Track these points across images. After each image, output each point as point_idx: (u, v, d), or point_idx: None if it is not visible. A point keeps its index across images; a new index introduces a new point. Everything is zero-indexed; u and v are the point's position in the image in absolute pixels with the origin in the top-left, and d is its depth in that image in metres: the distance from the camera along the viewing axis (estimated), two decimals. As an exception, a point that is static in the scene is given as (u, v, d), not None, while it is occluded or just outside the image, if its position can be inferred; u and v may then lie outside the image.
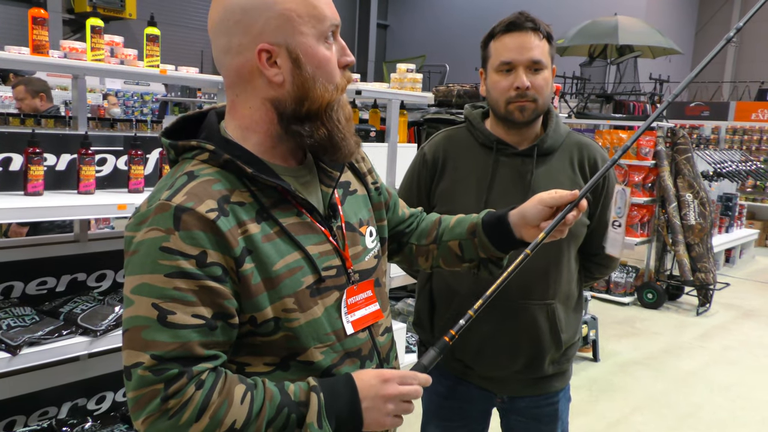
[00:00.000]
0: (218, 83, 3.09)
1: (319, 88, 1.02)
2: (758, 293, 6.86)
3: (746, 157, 8.12)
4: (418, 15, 16.05)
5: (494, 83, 1.62)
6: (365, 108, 4.42)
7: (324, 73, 1.03)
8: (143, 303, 0.93)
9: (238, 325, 0.98)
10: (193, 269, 0.93)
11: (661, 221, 6.01)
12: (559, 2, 12.66)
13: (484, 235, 1.30)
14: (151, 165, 2.52)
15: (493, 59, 1.62)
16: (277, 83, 1.01)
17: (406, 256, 1.41)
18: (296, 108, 1.02)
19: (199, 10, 12.53)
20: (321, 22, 1.02)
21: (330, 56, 1.04)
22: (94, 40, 2.40)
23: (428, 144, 1.80)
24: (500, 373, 1.71)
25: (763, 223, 9.72)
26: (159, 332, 0.91)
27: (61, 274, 2.43)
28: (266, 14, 0.99)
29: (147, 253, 0.93)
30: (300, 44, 1.00)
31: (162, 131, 1.10)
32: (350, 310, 1.09)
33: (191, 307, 0.93)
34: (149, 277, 0.93)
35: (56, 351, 2.02)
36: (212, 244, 0.94)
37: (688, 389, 4.22)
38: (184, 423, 0.91)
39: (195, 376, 0.92)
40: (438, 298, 1.76)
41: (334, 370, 1.05)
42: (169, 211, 0.94)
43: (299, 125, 1.03)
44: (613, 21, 7.61)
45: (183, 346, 0.92)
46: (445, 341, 1.12)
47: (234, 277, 0.96)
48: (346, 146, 1.07)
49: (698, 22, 14.98)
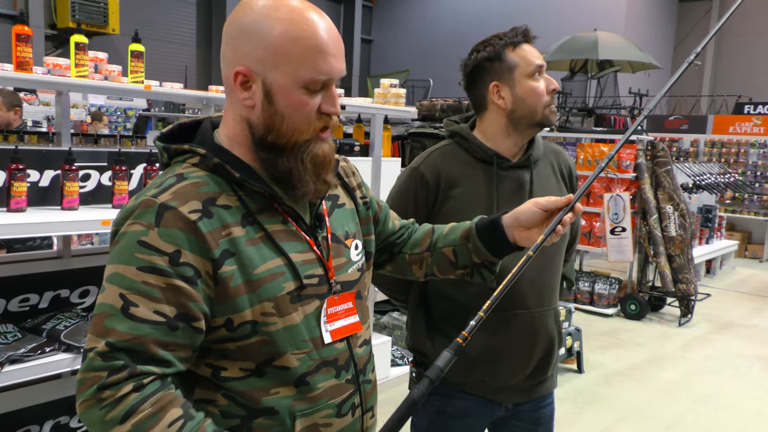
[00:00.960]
0: (203, 99, 3.10)
1: (286, 126, 1.03)
2: (738, 304, 6.94)
3: (725, 170, 8.25)
4: (402, 30, 16.18)
5: (531, 89, 1.64)
6: (350, 123, 4.45)
7: (295, 114, 1.03)
8: (112, 291, 0.95)
9: (204, 331, 0.99)
10: (165, 266, 0.95)
11: (642, 233, 6.09)
12: (540, 17, 12.83)
13: (477, 238, 1.32)
14: (135, 180, 2.52)
15: (524, 66, 1.64)
16: (248, 107, 1.04)
17: (399, 265, 1.42)
18: (264, 135, 1.04)
19: (182, 25, 12.53)
20: (306, 71, 1.01)
21: (306, 101, 1.03)
22: (78, 57, 2.41)
23: (423, 164, 1.74)
24: (512, 381, 1.72)
25: (743, 234, 9.86)
26: (119, 322, 0.93)
27: (44, 290, 2.41)
28: (255, 41, 1.01)
29: (126, 245, 0.96)
30: (276, 81, 1.01)
31: (157, 136, 1.13)
32: (330, 320, 1.11)
33: (155, 303, 0.94)
34: (123, 267, 0.95)
35: (39, 368, 2.01)
36: (189, 244, 0.96)
37: (671, 399, 4.26)
38: (110, 420, 0.91)
39: (137, 376, 0.92)
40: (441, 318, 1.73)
41: (309, 378, 1.07)
42: (153, 208, 0.97)
43: (265, 152, 1.05)
44: (593, 36, 7.75)
45: (137, 339, 0.93)
46: (458, 342, 1.13)
47: (208, 280, 0.98)
48: (302, 188, 1.06)
49: (676, 38, 15.25)
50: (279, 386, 1.05)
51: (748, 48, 14.14)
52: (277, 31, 1.00)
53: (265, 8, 1.01)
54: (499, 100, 1.66)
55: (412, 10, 16.01)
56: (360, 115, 3.98)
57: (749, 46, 14.11)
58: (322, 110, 1.04)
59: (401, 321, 4.32)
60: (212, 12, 12.78)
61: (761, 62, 14.03)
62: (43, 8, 10.13)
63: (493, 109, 1.68)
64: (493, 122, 1.70)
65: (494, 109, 1.68)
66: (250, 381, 1.03)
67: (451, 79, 13.13)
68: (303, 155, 1.05)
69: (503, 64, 1.64)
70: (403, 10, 16.19)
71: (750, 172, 9.91)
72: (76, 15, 9.97)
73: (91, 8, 10.17)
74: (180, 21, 12.52)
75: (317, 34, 1.01)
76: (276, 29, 1.00)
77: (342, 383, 1.12)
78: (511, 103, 1.65)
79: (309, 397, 1.07)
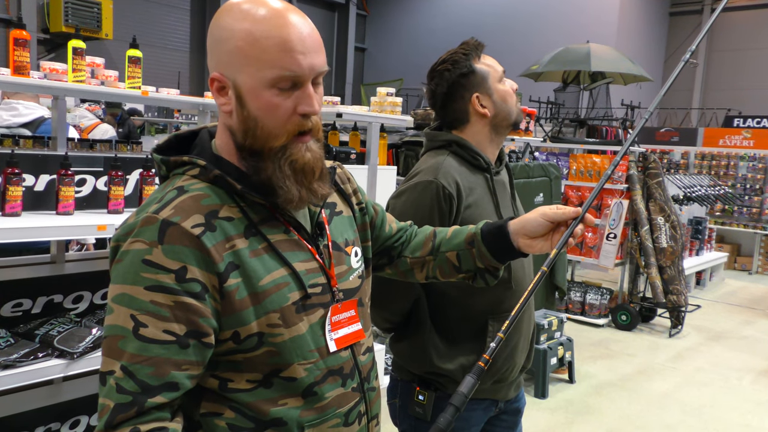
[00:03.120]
0: (198, 105, 3.10)
1: (260, 130, 1.01)
2: (728, 315, 6.99)
3: (715, 182, 8.33)
4: (396, 39, 16.25)
5: (505, 92, 1.74)
6: (345, 131, 4.45)
7: (267, 117, 1.01)
8: (122, 313, 0.94)
9: (216, 344, 0.99)
10: (172, 284, 0.94)
11: (633, 244, 6.12)
12: (533, 29, 12.94)
13: (483, 244, 1.33)
14: (131, 186, 2.51)
15: (493, 73, 1.73)
16: (226, 112, 1.04)
17: (399, 268, 1.41)
18: (242, 141, 1.03)
19: (176, 30, 12.53)
20: (270, 70, 0.99)
21: (277, 103, 1.00)
22: (76, 62, 2.40)
23: (440, 176, 1.67)
24: (509, 379, 1.77)
25: (732, 246, 9.94)
26: (131, 343, 0.93)
27: (37, 295, 2.39)
28: (223, 47, 1.01)
29: (130, 264, 0.95)
30: (244, 83, 1.00)
31: (154, 148, 1.11)
32: (334, 328, 1.10)
33: (164, 323, 0.94)
34: (130, 288, 0.95)
35: (32, 374, 1.99)
36: (194, 259, 0.95)
37: (661, 411, 4.27)
38: None
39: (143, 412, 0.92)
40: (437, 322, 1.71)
41: (316, 388, 1.06)
42: (155, 224, 0.96)
43: (247, 159, 1.04)
44: (586, 48, 7.81)
45: (148, 360, 0.93)
46: (480, 366, 1.12)
47: (215, 294, 0.97)
48: (283, 195, 1.03)
49: (667, 51, 15.40)
50: (287, 397, 1.04)
51: (737, 62, 14.30)
52: (240, 33, 0.99)
53: (234, 13, 1.01)
54: (483, 109, 1.72)
55: (406, 19, 16.09)
56: (356, 123, 3.99)
57: (738, 60, 14.27)
58: (299, 111, 1.01)
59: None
60: (205, 18, 12.79)
61: (750, 76, 14.20)
62: (36, 12, 10.10)
63: (476, 120, 1.74)
64: (477, 132, 1.75)
65: (477, 120, 1.74)
66: (257, 392, 1.03)
67: (444, 89, 13.19)
68: (281, 161, 1.02)
69: (477, 76, 1.71)
70: (397, 20, 16.27)
71: (740, 184, 9.99)
72: (69, 19, 9.93)
73: (84, 13, 10.14)
74: (173, 27, 12.51)
75: (281, 32, 0.98)
76: (239, 32, 0.99)
77: (348, 392, 1.12)
78: (493, 109, 1.72)
79: (317, 407, 1.07)
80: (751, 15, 13.85)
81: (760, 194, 9.85)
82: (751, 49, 14.13)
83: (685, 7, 15.13)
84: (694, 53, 1.42)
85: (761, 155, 9.83)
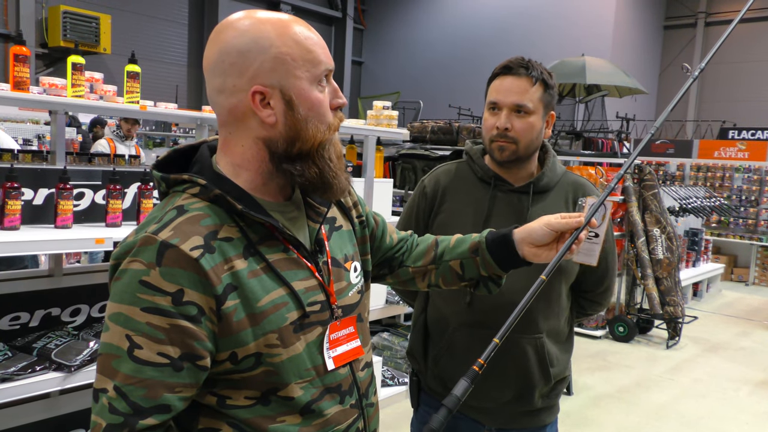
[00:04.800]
0: (197, 119, 3.12)
1: (311, 129, 1.04)
2: (725, 327, 6.99)
3: (710, 194, 8.37)
4: (392, 53, 16.34)
5: (484, 120, 1.73)
6: (342, 143, 4.48)
7: (316, 114, 1.05)
8: (117, 332, 0.95)
9: (213, 365, 0.99)
10: (168, 306, 0.94)
11: (630, 255, 6.14)
12: (529, 42, 13.02)
13: (487, 252, 1.33)
14: (129, 199, 2.52)
15: (489, 98, 1.71)
16: (270, 124, 1.03)
17: (401, 278, 1.42)
18: (288, 148, 1.04)
19: (173, 44, 12.60)
20: (315, 66, 1.04)
21: (323, 98, 1.05)
22: (75, 77, 2.42)
23: (428, 177, 1.85)
24: (490, 404, 1.72)
25: (728, 257, 9.96)
26: (125, 363, 0.94)
27: (35, 308, 2.40)
28: (261, 57, 1.01)
29: (128, 284, 0.95)
30: (293, 87, 1.02)
31: (153, 164, 1.11)
32: (332, 346, 1.10)
33: (159, 345, 0.94)
34: (127, 308, 0.95)
35: (29, 387, 1.99)
36: (192, 283, 0.95)
37: (659, 423, 4.27)
38: None
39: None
40: (432, 328, 1.78)
41: (314, 406, 1.06)
42: (153, 246, 0.95)
43: (290, 164, 1.05)
44: (581, 61, 7.87)
45: (141, 383, 0.93)
46: (475, 371, 1.12)
47: (212, 317, 0.97)
48: (338, 184, 1.09)
49: (662, 63, 15.52)
50: (285, 414, 1.04)
51: (732, 75, 14.41)
52: (278, 40, 1.01)
53: (252, 25, 1.02)
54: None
55: (403, 32, 16.19)
56: (353, 136, 4.02)
57: (733, 72, 14.38)
58: (333, 105, 1.08)
59: (391, 341, 4.32)
60: (203, 32, 12.86)
61: (745, 88, 14.30)
62: (35, 27, 10.16)
63: None
64: None
65: None
66: (255, 409, 1.02)
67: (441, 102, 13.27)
68: (329, 153, 1.07)
69: (486, 91, 1.73)
70: (394, 33, 16.38)
71: (735, 196, 10.04)
72: (68, 34, 9.99)
73: (83, 28, 10.20)
74: (171, 41, 12.58)
75: (305, 32, 1.04)
76: (276, 39, 1.01)
77: (347, 408, 1.11)
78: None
79: (315, 424, 1.06)
80: (746, 28, 13.97)
81: (755, 206, 9.90)
82: (745, 61, 14.24)
83: (679, 21, 15.26)
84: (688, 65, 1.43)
85: (756, 167, 9.89)
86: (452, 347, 1.72)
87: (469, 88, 12.34)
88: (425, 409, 1.83)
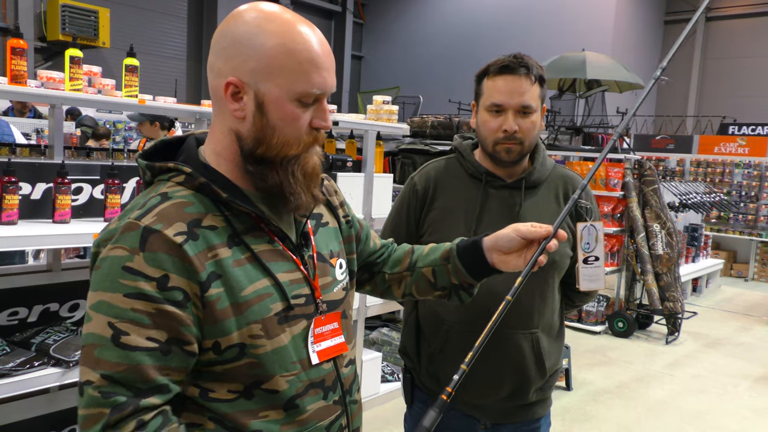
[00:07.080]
0: (196, 113, 3.11)
1: (277, 138, 1.01)
2: (724, 322, 7.00)
3: (710, 189, 8.35)
4: (392, 47, 16.30)
5: (484, 122, 1.67)
6: (342, 138, 4.46)
7: (287, 127, 1.02)
8: (100, 321, 0.93)
9: (198, 353, 0.98)
10: (153, 292, 0.93)
11: (630, 251, 6.13)
12: (529, 37, 12.99)
13: (458, 259, 1.31)
14: (127, 194, 2.51)
15: (485, 99, 1.66)
16: (238, 118, 1.02)
17: (378, 285, 1.41)
18: (253, 148, 1.02)
19: (173, 38, 12.54)
20: (301, 84, 1.01)
21: (298, 115, 1.02)
22: (73, 71, 2.41)
23: (418, 174, 1.82)
24: (485, 400, 1.72)
25: (728, 253, 9.96)
26: (110, 351, 0.92)
27: (33, 304, 2.39)
28: (248, 53, 0.99)
29: (109, 271, 0.94)
30: (269, 92, 1.00)
31: (139, 153, 1.10)
32: (316, 340, 1.09)
33: (146, 330, 0.93)
34: (109, 295, 0.93)
35: (28, 383, 1.99)
36: (176, 268, 0.94)
37: (658, 418, 4.27)
38: None
39: (140, 410, 0.91)
40: (425, 325, 1.77)
41: (298, 400, 1.05)
42: (136, 231, 0.94)
43: (254, 165, 1.04)
44: (581, 56, 7.84)
45: (132, 368, 0.91)
46: (443, 400, 1.12)
47: (197, 303, 0.96)
48: (295, 201, 1.05)
49: (661, 59, 15.49)
50: (268, 409, 1.03)
51: (732, 70, 14.38)
52: (271, 43, 0.99)
53: (257, 20, 1.00)
54: (473, 120, 1.73)
55: (403, 27, 16.15)
56: (353, 131, 4.00)
57: (733, 68, 14.35)
58: (313, 125, 1.04)
59: (390, 337, 4.31)
60: (203, 26, 12.81)
61: (745, 84, 14.27)
62: (33, 21, 10.11)
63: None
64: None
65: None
66: (238, 403, 1.01)
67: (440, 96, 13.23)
68: (293, 167, 1.04)
69: (478, 89, 1.70)
70: (394, 27, 16.33)
71: (735, 191, 10.04)
72: (66, 28, 9.95)
73: (81, 21, 10.15)
74: (170, 35, 12.53)
75: (312, 48, 1.01)
76: (270, 41, 0.99)
77: (330, 405, 1.11)
78: (475, 126, 1.72)
79: (297, 420, 1.05)
80: (746, 23, 13.94)
81: (755, 201, 9.90)
82: (745, 57, 14.21)
83: (680, 16, 15.21)
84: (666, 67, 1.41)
85: (756, 162, 9.89)
86: (447, 345, 1.71)
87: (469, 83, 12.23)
88: (419, 406, 1.83)
